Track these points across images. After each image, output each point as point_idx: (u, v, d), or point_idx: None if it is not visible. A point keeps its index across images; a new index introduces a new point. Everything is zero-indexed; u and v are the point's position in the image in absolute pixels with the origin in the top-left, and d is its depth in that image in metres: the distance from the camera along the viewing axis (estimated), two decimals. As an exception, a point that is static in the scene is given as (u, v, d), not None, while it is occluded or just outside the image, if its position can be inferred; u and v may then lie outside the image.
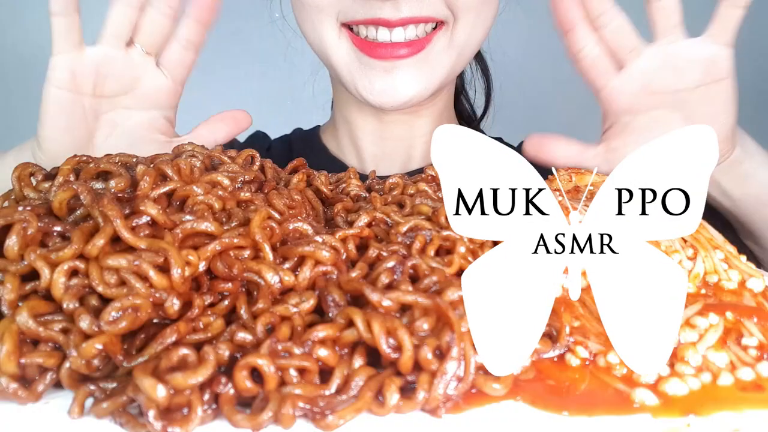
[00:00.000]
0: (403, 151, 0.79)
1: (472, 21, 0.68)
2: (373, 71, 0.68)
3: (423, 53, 0.67)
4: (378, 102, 0.69)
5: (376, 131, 0.78)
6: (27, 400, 0.31)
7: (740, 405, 0.32)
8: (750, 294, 0.40)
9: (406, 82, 0.67)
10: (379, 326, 0.32)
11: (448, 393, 0.31)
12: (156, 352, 0.32)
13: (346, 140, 0.82)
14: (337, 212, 0.46)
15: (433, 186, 0.52)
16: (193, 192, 0.38)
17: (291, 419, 0.29)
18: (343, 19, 0.67)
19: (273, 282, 0.36)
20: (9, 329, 0.31)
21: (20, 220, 0.33)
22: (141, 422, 0.29)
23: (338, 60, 0.70)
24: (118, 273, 0.33)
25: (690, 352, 0.34)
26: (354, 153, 0.81)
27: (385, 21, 0.65)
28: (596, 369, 0.34)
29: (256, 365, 0.30)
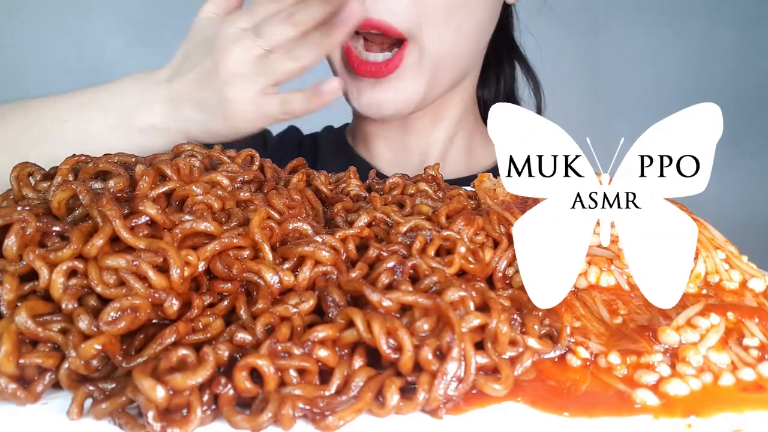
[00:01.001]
0: (417, 157, 0.80)
1: (440, 30, 0.68)
2: (361, 83, 0.70)
3: (399, 70, 0.68)
4: (366, 113, 0.71)
5: (389, 136, 0.80)
6: (26, 400, 0.31)
7: (741, 406, 0.32)
8: (751, 294, 0.40)
9: (389, 97, 0.70)
10: (380, 327, 0.32)
11: (448, 394, 0.31)
12: (155, 353, 0.31)
13: (361, 143, 0.84)
14: (337, 212, 0.46)
15: (433, 186, 0.52)
16: (192, 192, 0.38)
17: (291, 420, 0.29)
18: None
19: (272, 282, 0.36)
20: (8, 329, 0.31)
21: (19, 220, 0.33)
22: (140, 423, 0.29)
23: (335, 69, 0.72)
24: (117, 273, 0.33)
25: (691, 352, 0.34)
26: (369, 156, 0.83)
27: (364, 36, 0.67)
28: (597, 369, 0.34)
29: (255, 366, 0.30)
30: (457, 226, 0.43)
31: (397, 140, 0.80)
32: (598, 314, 0.38)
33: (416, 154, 0.80)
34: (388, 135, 0.80)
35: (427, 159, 0.80)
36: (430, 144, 0.80)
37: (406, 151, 0.80)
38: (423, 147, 0.80)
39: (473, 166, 0.82)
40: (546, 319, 0.37)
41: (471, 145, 0.83)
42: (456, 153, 0.82)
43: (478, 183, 0.54)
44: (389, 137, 0.80)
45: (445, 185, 0.54)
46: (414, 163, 0.79)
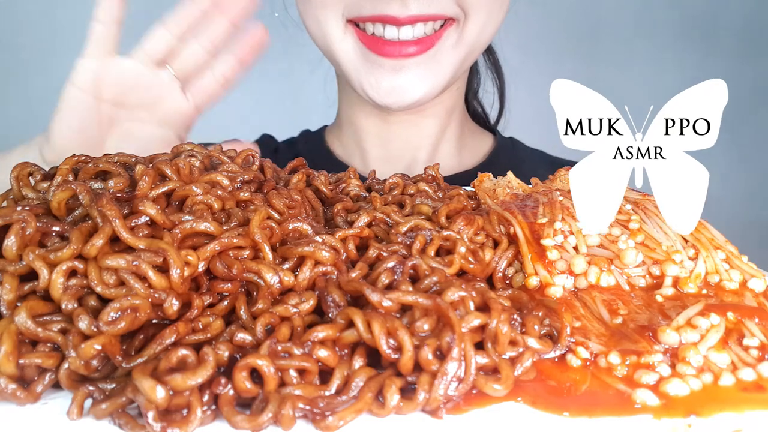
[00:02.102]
0: (408, 153, 0.78)
1: (483, 19, 0.66)
2: (381, 69, 0.66)
3: (432, 51, 0.66)
4: (385, 102, 0.67)
5: (382, 133, 0.77)
6: (26, 400, 0.31)
7: (741, 405, 0.32)
8: (751, 294, 0.40)
9: (413, 82, 0.66)
10: (380, 327, 0.32)
11: (448, 394, 0.31)
12: (155, 353, 0.31)
13: (350, 142, 0.81)
14: (337, 212, 0.45)
15: (433, 186, 0.52)
16: (192, 192, 0.38)
17: (291, 420, 0.29)
18: (349, 15, 0.66)
19: (272, 282, 0.36)
20: (8, 330, 0.31)
21: (19, 220, 0.33)
22: (140, 423, 0.29)
23: (343, 56, 0.68)
24: (117, 273, 0.33)
25: (691, 352, 0.34)
26: (359, 155, 0.80)
27: (393, 18, 0.64)
28: (597, 370, 0.34)
29: (255, 366, 0.30)
30: (457, 226, 0.43)
31: (388, 136, 0.77)
32: (598, 314, 0.38)
33: (407, 150, 0.78)
34: (380, 131, 0.77)
35: (417, 154, 0.77)
36: (422, 138, 0.78)
37: (397, 147, 0.78)
38: (414, 142, 0.78)
39: (464, 162, 0.81)
40: (546, 319, 0.37)
41: (462, 139, 0.82)
42: (447, 148, 0.80)
43: (478, 183, 0.54)
44: (380, 134, 0.77)
45: (445, 185, 0.54)
46: (405, 160, 0.77)
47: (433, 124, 0.77)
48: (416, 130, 0.77)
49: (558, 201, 0.46)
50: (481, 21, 0.66)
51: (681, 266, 0.41)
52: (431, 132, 0.77)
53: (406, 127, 0.76)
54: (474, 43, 0.68)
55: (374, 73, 0.66)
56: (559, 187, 0.51)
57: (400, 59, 0.65)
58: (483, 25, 0.67)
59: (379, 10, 0.64)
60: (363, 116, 0.77)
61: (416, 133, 0.77)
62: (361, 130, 0.79)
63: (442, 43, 0.66)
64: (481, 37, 0.68)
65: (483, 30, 0.67)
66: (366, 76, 0.67)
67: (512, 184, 0.53)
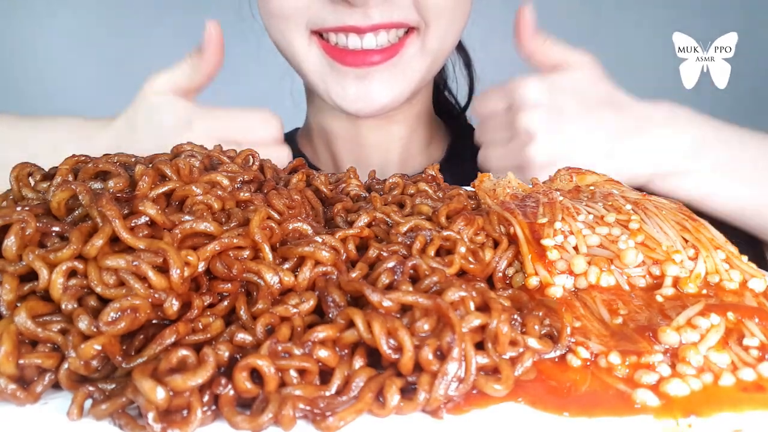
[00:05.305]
0: (379, 156, 0.79)
1: (445, 26, 0.68)
2: (346, 78, 0.68)
3: (395, 59, 0.67)
4: (352, 109, 0.69)
5: (352, 137, 0.78)
6: (25, 401, 0.31)
7: (742, 406, 0.32)
8: (751, 294, 0.40)
9: (380, 89, 0.68)
10: (380, 327, 0.32)
11: (449, 394, 0.31)
12: (155, 353, 0.31)
13: (321, 146, 0.82)
14: (337, 212, 0.45)
15: (433, 186, 0.52)
16: (192, 192, 0.38)
17: (291, 420, 0.29)
18: (313, 26, 0.67)
19: (272, 282, 0.36)
20: (7, 330, 0.31)
21: (18, 220, 0.33)
22: (140, 424, 0.29)
23: (309, 67, 0.70)
24: (117, 273, 0.33)
25: (691, 352, 0.34)
26: (330, 159, 0.81)
27: (355, 28, 0.65)
28: (597, 370, 0.34)
29: (256, 366, 0.30)
30: (457, 226, 0.43)
31: (357, 139, 0.78)
32: (598, 314, 0.38)
33: (378, 153, 0.79)
34: (350, 135, 0.78)
35: (388, 156, 0.78)
36: (393, 141, 0.79)
37: (368, 151, 0.79)
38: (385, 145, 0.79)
39: (432, 156, 0.82)
40: (546, 319, 0.37)
41: (429, 137, 0.83)
42: (417, 147, 0.81)
43: (478, 183, 0.54)
44: (351, 138, 0.78)
45: (445, 185, 0.54)
46: (377, 163, 0.78)
47: (403, 128, 0.78)
48: (386, 133, 0.78)
49: (558, 201, 0.46)
50: (443, 28, 0.68)
51: (681, 266, 0.41)
52: (401, 135, 0.79)
53: (376, 131, 0.77)
54: (437, 50, 0.69)
55: (341, 81, 0.68)
56: (559, 187, 0.51)
57: (364, 68, 0.67)
58: (444, 32, 0.68)
59: (342, 21, 0.65)
60: (332, 120, 0.78)
61: (386, 136, 0.78)
62: (331, 134, 0.79)
63: (406, 50, 0.68)
64: (444, 45, 0.69)
65: (445, 37, 0.69)
66: (333, 85, 0.69)
67: (512, 184, 0.53)
